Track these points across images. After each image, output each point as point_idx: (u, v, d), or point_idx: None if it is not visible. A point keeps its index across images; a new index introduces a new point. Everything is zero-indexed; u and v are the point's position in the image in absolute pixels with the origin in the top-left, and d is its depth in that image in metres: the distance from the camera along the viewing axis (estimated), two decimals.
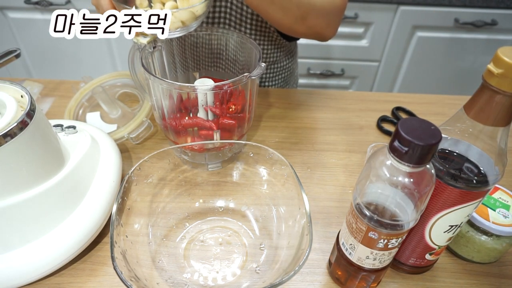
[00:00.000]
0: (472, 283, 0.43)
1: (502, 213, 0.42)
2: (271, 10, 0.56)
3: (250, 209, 0.49)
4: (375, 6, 1.25)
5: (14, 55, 0.61)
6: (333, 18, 0.62)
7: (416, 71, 1.43)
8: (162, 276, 0.41)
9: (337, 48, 1.38)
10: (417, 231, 0.39)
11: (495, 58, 0.28)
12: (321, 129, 0.66)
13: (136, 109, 0.63)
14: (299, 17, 0.57)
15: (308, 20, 0.59)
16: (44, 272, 0.40)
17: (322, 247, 0.47)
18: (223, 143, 0.51)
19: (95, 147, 0.48)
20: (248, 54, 0.56)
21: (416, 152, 0.28)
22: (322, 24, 0.61)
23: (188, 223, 0.48)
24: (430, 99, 0.74)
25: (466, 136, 0.32)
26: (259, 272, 0.42)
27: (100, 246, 0.46)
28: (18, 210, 0.38)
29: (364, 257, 0.37)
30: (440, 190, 0.34)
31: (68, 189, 0.42)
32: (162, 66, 0.57)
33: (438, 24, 1.29)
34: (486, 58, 1.38)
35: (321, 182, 0.55)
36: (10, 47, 0.61)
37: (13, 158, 0.36)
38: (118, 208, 0.39)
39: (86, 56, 1.43)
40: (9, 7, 1.31)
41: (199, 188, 0.50)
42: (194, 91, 0.47)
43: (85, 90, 0.66)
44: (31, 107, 0.38)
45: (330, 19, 0.62)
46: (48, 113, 0.67)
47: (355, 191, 0.35)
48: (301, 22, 0.59)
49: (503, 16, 1.26)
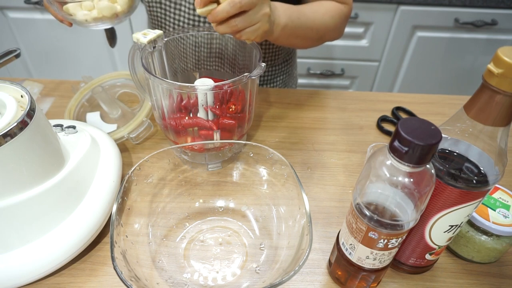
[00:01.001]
0: (472, 283, 0.43)
1: (502, 213, 0.42)
2: (293, 42, 0.61)
3: (250, 209, 0.49)
4: (375, 6, 1.25)
5: (14, 55, 0.61)
6: (343, 26, 0.68)
7: (416, 71, 1.43)
8: (162, 276, 0.41)
9: (337, 48, 1.38)
10: (417, 231, 0.39)
11: (495, 58, 0.28)
12: (321, 129, 0.66)
13: (136, 109, 0.63)
14: (316, 39, 0.64)
15: (324, 38, 0.66)
16: (44, 272, 0.40)
17: (322, 247, 0.47)
18: (223, 143, 0.51)
19: (95, 147, 0.48)
20: (248, 54, 0.56)
21: (416, 152, 0.28)
22: (335, 36, 0.68)
23: (188, 223, 0.48)
24: (430, 99, 0.74)
25: (466, 136, 0.32)
26: (259, 272, 0.42)
27: (100, 246, 0.46)
28: (18, 210, 0.38)
29: (364, 257, 0.37)
30: (440, 190, 0.34)
31: (68, 189, 0.42)
32: (162, 66, 0.57)
33: (438, 24, 1.29)
34: (486, 58, 1.38)
35: (321, 182, 0.55)
36: (10, 47, 0.61)
37: (13, 158, 0.36)
38: (118, 208, 0.39)
39: (86, 56, 1.43)
40: (9, 7, 1.31)
41: (199, 188, 0.50)
42: (194, 91, 0.47)
43: (85, 90, 0.66)
44: (31, 107, 0.38)
45: (342, 29, 0.68)
46: (48, 113, 0.67)
47: (355, 191, 0.35)
48: (318, 41, 0.65)
49: (503, 16, 1.26)
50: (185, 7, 0.67)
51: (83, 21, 0.53)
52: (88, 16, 0.53)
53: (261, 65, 0.48)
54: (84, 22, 0.54)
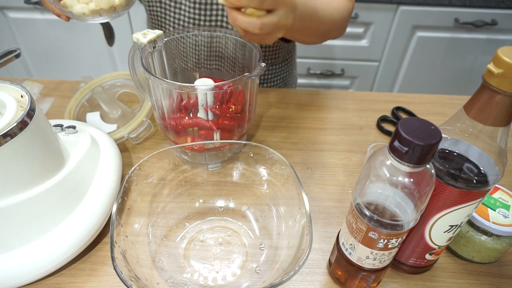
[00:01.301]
0: (472, 283, 0.43)
1: (502, 213, 0.42)
2: (300, 37, 0.59)
3: (250, 209, 0.49)
4: (375, 6, 1.25)
5: (14, 55, 0.61)
6: (347, 22, 0.66)
7: (416, 71, 1.43)
8: (162, 276, 0.41)
9: (337, 48, 1.38)
10: (417, 231, 0.39)
11: (495, 58, 0.28)
12: (321, 129, 0.66)
13: (136, 109, 0.63)
14: (322, 35, 0.62)
15: (330, 35, 0.64)
16: (44, 272, 0.40)
17: (322, 247, 0.47)
18: (223, 143, 0.51)
19: (95, 147, 0.48)
20: (248, 54, 0.56)
21: (416, 152, 0.28)
22: (339, 33, 0.66)
23: (188, 223, 0.48)
24: (430, 99, 0.74)
25: (466, 136, 0.32)
26: (259, 272, 0.42)
27: (100, 246, 0.46)
28: (18, 210, 0.38)
29: (364, 257, 0.37)
30: (440, 190, 0.34)
31: (68, 189, 0.42)
32: (162, 66, 0.57)
33: (438, 24, 1.29)
34: (486, 58, 1.38)
35: (321, 182, 0.55)
36: (10, 47, 0.61)
37: (13, 158, 0.36)
38: (118, 208, 0.39)
39: (86, 56, 1.43)
40: (9, 7, 1.31)
41: (199, 188, 0.50)
42: (194, 91, 0.47)
43: (85, 90, 0.66)
44: (31, 107, 0.38)
45: (346, 25, 0.66)
46: (48, 113, 0.67)
47: (355, 191, 0.35)
48: (324, 38, 0.64)
49: (503, 16, 1.26)
50: (185, 6, 0.67)
51: (81, 14, 0.53)
52: (85, 9, 0.53)
53: (261, 65, 0.48)
54: (82, 16, 0.54)
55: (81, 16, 0.54)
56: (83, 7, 0.53)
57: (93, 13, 0.54)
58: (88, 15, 0.54)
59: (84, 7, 0.53)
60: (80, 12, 0.53)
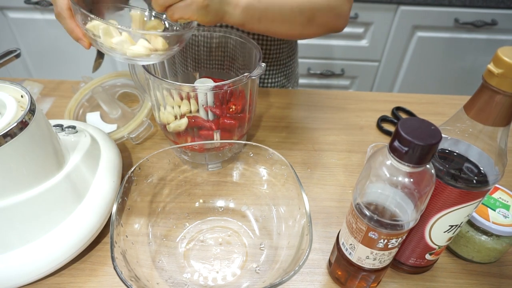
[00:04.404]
0: (472, 283, 0.43)
1: (502, 213, 0.42)
2: (273, 27, 0.53)
3: (250, 209, 0.49)
4: (375, 6, 1.25)
5: (14, 55, 0.61)
6: (341, 7, 0.58)
7: (416, 71, 1.43)
8: (162, 276, 0.41)
9: (337, 48, 1.38)
10: (417, 231, 0.39)
11: (495, 58, 0.28)
12: (321, 129, 0.66)
13: (136, 109, 0.63)
14: (305, 21, 0.55)
15: (316, 20, 0.56)
16: (44, 272, 0.40)
17: (322, 247, 0.47)
18: (223, 143, 0.51)
19: (95, 147, 0.48)
20: (248, 54, 0.56)
21: (416, 152, 0.28)
22: (331, 18, 0.58)
23: (188, 223, 0.48)
24: (430, 99, 0.75)
25: (466, 136, 0.32)
26: (259, 272, 0.42)
27: (100, 246, 0.46)
28: (18, 210, 0.38)
29: (364, 257, 0.37)
30: (440, 190, 0.34)
31: (68, 189, 0.42)
32: (162, 66, 0.57)
33: (438, 24, 1.29)
34: (486, 58, 1.38)
35: (321, 182, 0.55)
36: (10, 47, 0.61)
37: (13, 158, 0.36)
38: (118, 208, 0.39)
39: (86, 56, 1.43)
40: (9, 7, 1.31)
41: (199, 188, 0.50)
42: (194, 91, 0.47)
43: (85, 90, 0.66)
44: (31, 107, 0.38)
45: (339, 10, 0.58)
46: (48, 113, 0.67)
47: (355, 191, 0.35)
48: (309, 25, 0.56)
49: (503, 16, 1.26)
50: None
51: (122, 53, 0.42)
52: (139, 50, 0.42)
53: (261, 65, 0.48)
54: (122, 55, 0.42)
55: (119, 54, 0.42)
56: (138, 48, 0.42)
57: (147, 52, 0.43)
58: (131, 56, 0.43)
59: (137, 48, 0.42)
60: (123, 51, 0.42)
